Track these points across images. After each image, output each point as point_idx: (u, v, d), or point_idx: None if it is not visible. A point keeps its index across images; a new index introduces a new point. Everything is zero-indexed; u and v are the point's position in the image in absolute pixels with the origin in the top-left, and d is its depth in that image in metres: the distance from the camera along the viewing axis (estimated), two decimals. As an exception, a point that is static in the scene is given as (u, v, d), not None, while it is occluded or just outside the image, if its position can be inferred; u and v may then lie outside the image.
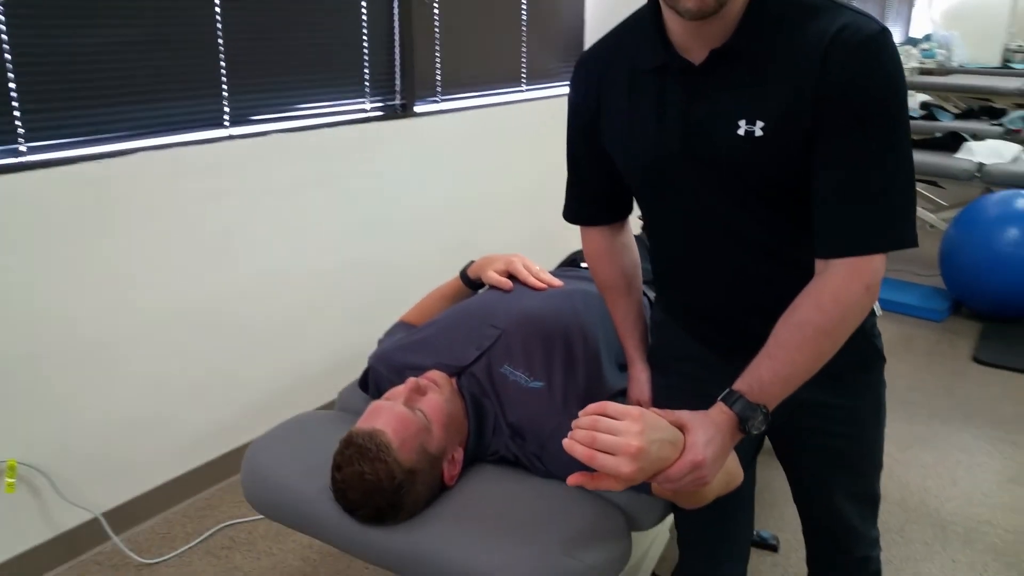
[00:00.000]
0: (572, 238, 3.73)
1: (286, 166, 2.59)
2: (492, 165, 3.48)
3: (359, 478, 1.28)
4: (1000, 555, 2.25)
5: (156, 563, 2.19)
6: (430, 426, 1.36)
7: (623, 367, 1.62)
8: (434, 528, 1.31)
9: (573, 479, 1.10)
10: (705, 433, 1.12)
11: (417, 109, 3.14)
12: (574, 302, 1.65)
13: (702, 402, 1.41)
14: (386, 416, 1.33)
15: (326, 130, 2.73)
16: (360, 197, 2.87)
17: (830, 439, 1.42)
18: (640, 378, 1.52)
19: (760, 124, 1.13)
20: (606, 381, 1.55)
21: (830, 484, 1.48)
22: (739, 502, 1.42)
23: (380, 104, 3.01)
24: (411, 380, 1.41)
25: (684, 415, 1.15)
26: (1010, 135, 5.48)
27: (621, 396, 1.58)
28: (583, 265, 1.96)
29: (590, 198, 1.46)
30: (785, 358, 1.14)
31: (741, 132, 1.14)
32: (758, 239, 1.24)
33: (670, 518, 1.54)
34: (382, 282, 3.02)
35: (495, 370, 1.51)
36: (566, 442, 1.06)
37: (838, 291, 1.11)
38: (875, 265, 1.11)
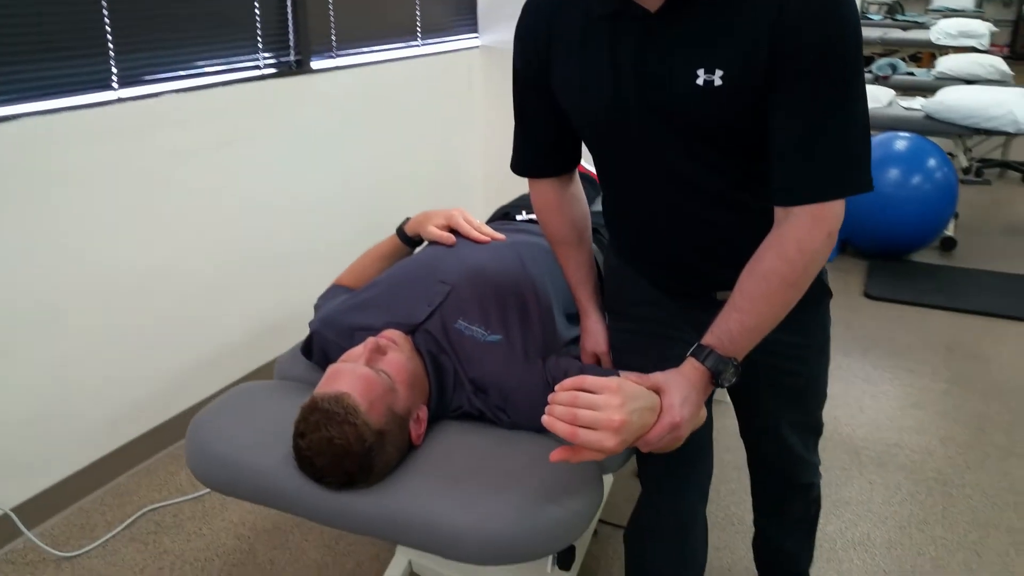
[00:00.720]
0: (477, 195, 3.68)
1: (182, 130, 2.43)
2: (392, 122, 3.39)
3: (327, 443, 1.22)
4: (911, 473, 2.39)
5: (78, 555, 2.06)
6: (395, 386, 1.32)
7: (570, 317, 1.62)
8: (409, 487, 1.27)
9: (556, 455, 1.08)
10: (680, 393, 1.13)
11: (313, 65, 3.01)
12: (520, 254, 1.62)
13: (659, 344, 1.43)
14: (349, 378, 1.28)
15: (221, 90, 2.58)
16: (262, 159, 2.73)
17: (782, 375, 1.45)
18: (595, 329, 1.52)
19: (719, 73, 1.11)
20: (559, 331, 1.54)
21: (779, 418, 1.53)
22: (701, 440, 1.44)
23: (274, 61, 2.87)
24: (370, 340, 1.35)
25: (658, 378, 1.15)
26: (879, 81, 5.76)
27: (573, 345, 1.58)
28: (518, 218, 1.93)
29: (539, 149, 1.43)
30: (752, 309, 1.15)
31: (700, 82, 1.12)
32: (713, 186, 1.23)
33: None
34: (292, 246, 2.91)
35: (449, 326, 1.47)
36: (545, 419, 1.04)
37: (801, 240, 1.12)
38: (836, 211, 1.12)
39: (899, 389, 2.89)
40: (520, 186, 4.33)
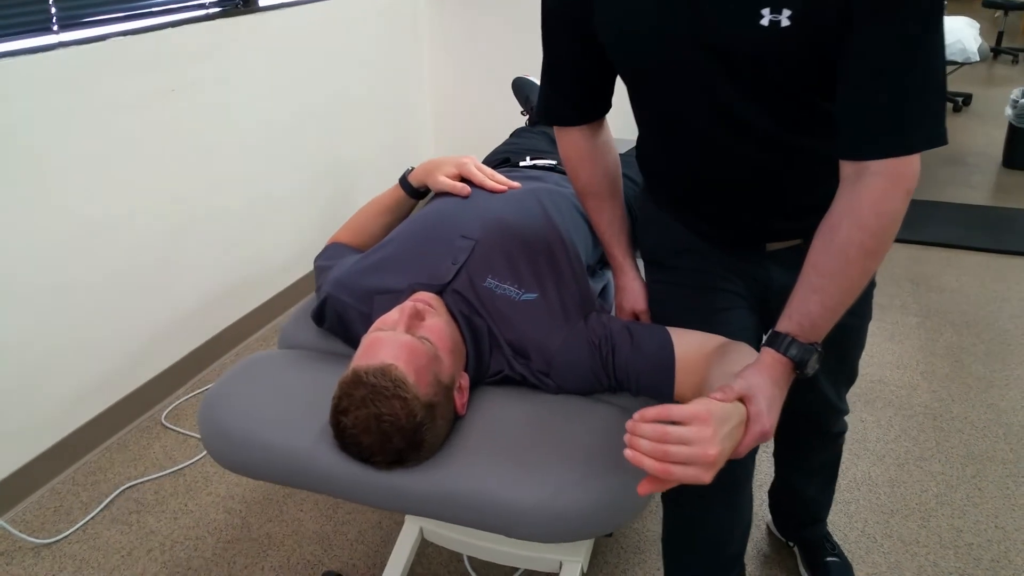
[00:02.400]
0: (427, 133, 3.49)
1: (128, 76, 2.22)
2: (342, 61, 3.20)
3: (375, 421, 1.12)
4: (900, 409, 2.41)
5: (56, 541, 1.91)
6: (438, 353, 1.21)
7: (588, 269, 1.53)
8: (463, 463, 1.17)
9: (644, 489, 0.96)
10: (766, 397, 1.02)
11: (261, 2, 2.80)
12: (542, 203, 1.52)
13: (706, 296, 1.36)
14: (392, 348, 1.17)
15: (167, 32, 2.36)
16: (212, 103, 2.53)
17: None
18: (632, 286, 1.44)
19: (787, 12, 0.99)
20: (590, 285, 1.45)
21: (819, 371, 1.48)
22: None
23: (219, -2, 2.65)
24: (407, 304, 1.24)
25: (742, 386, 1.03)
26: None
27: (599, 298, 1.50)
28: (522, 164, 1.82)
29: (570, 95, 1.32)
30: (832, 288, 1.05)
31: (765, 22, 1.00)
32: (769, 128, 1.14)
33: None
34: (249, 195, 2.73)
35: (478, 285, 1.36)
36: (630, 454, 0.92)
37: (879, 203, 1.01)
38: (915, 167, 1.00)
39: (873, 325, 2.89)
40: (472, 122, 4.15)
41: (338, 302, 1.42)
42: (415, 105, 3.77)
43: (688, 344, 1.26)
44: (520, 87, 2.54)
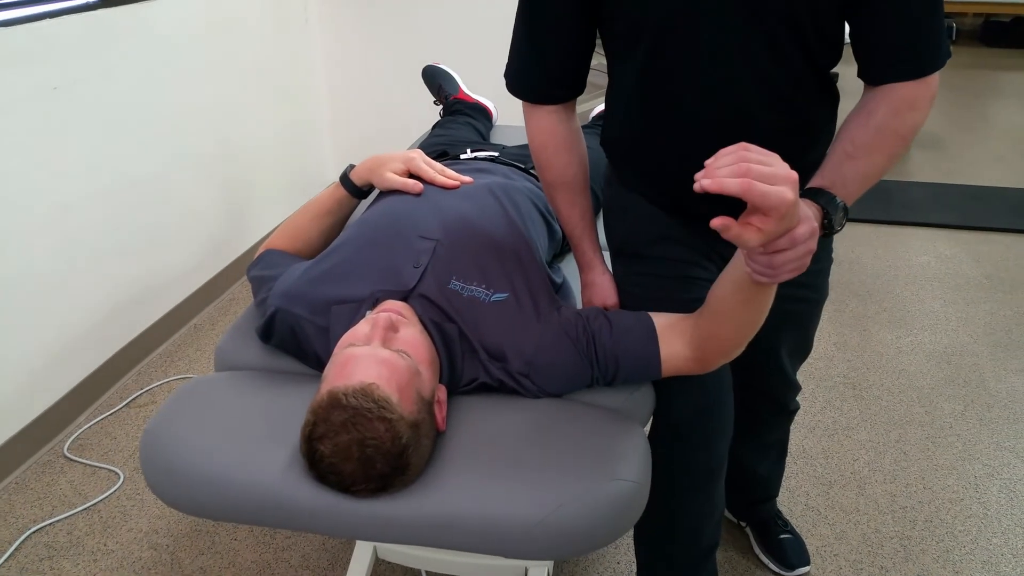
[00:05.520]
0: (324, 127, 3.30)
1: (2, 73, 1.99)
2: (238, 57, 3.00)
3: (358, 446, 1.03)
4: (821, 381, 2.48)
5: (-41, 601, 1.71)
6: (418, 367, 1.13)
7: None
8: (453, 484, 1.10)
9: (717, 222, 0.91)
10: (806, 211, 0.99)
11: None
12: (498, 197, 1.45)
13: (685, 286, 1.33)
14: (371, 365, 1.07)
15: (44, 23, 2.14)
16: (99, 106, 2.32)
17: (789, 302, 1.40)
18: (602, 281, 1.40)
19: None
20: (553, 281, 1.39)
21: (780, 343, 1.50)
22: (722, 384, 1.37)
23: (97, -12, 2.43)
24: (380, 316, 1.15)
25: None
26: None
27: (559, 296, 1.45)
28: (463, 157, 1.74)
29: (555, 66, 1.25)
30: (866, 159, 1.10)
31: None
32: (776, 82, 1.13)
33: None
34: (142, 208, 2.52)
35: (444, 287, 1.28)
36: (708, 183, 0.86)
37: (914, 99, 1.09)
38: (936, 79, 1.10)
39: (783, 299, 2.97)
40: (372, 111, 3.96)
41: (289, 315, 1.31)
42: (309, 98, 3.59)
43: (666, 315, 1.24)
44: (432, 76, 2.44)
